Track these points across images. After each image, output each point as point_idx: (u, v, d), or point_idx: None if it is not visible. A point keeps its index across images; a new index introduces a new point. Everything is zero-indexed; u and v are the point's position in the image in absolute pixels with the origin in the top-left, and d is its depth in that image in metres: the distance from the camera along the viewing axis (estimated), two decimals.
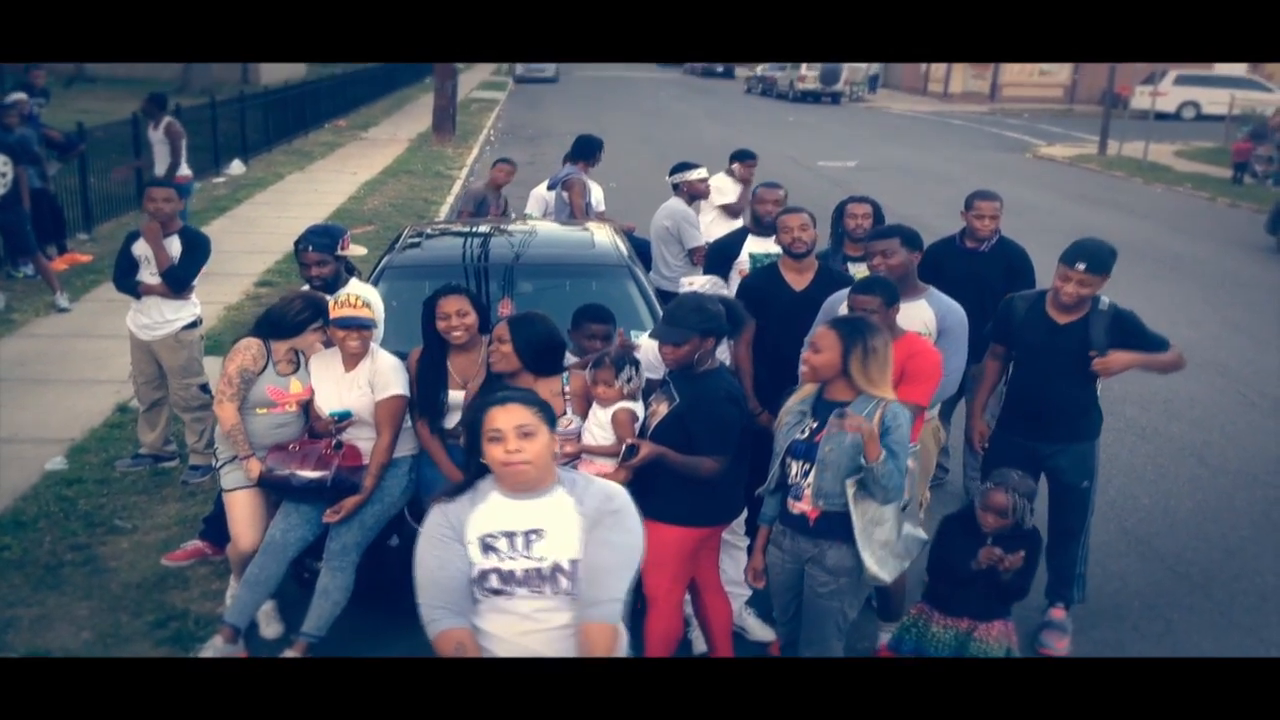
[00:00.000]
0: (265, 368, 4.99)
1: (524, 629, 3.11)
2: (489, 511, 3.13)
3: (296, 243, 5.67)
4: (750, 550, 4.61)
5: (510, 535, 3.09)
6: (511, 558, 3.08)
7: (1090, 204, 19.41)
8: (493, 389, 4.53)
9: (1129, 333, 5.01)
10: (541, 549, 3.08)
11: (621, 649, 3.20)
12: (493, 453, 3.07)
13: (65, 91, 25.94)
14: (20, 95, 12.32)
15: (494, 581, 3.09)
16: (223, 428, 5.00)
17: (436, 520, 3.16)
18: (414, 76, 41.99)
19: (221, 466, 5.10)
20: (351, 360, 4.92)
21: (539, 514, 3.11)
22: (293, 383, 5.01)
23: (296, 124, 24.01)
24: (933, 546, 4.80)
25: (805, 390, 4.28)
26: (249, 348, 5.00)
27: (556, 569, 3.08)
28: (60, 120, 13.90)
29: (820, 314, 5.11)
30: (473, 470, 3.23)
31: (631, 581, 3.11)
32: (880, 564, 4.14)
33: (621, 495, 3.20)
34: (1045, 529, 5.12)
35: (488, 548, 3.09)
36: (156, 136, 12.02)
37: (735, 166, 8.46)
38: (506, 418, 3.06)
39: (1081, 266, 4.90)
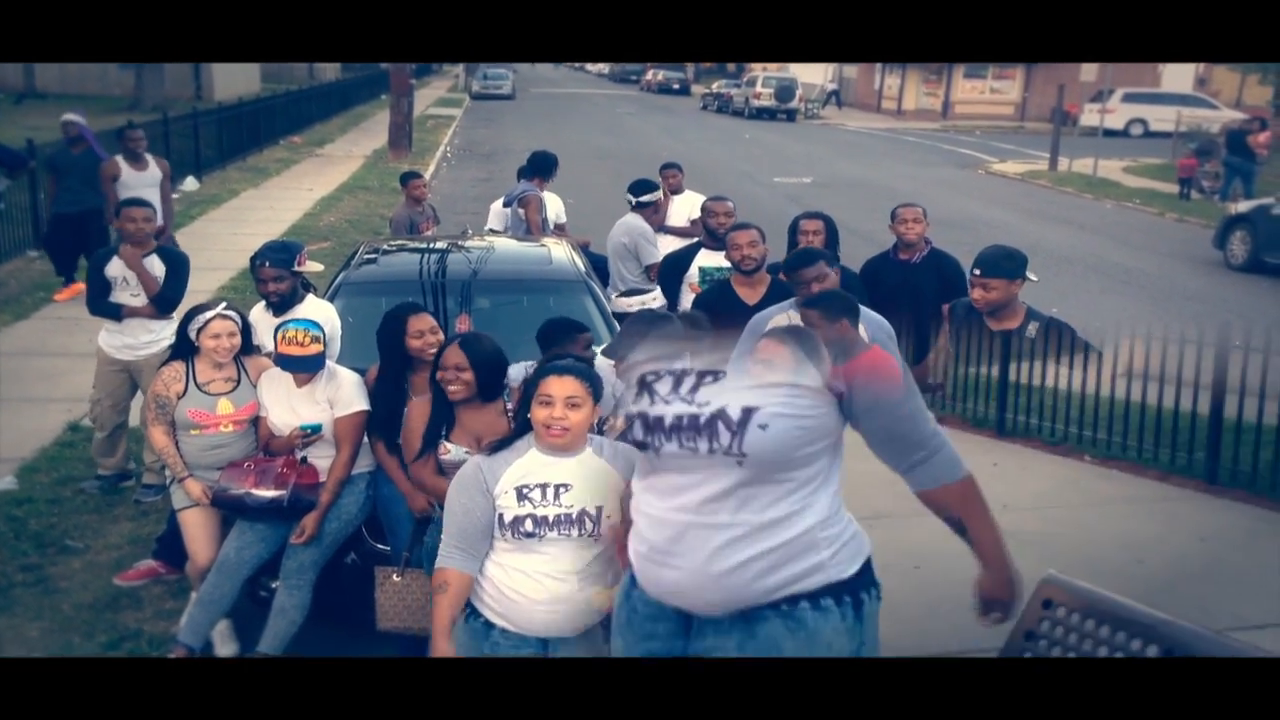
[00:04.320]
0: (186, 390, 4.94)
1: (547, 570, 3.51)
2: (526, 465, 3.54)
3: (253, 258, 5.64)
4: None
5: (544, 487, 3.51)
6: (544, 505, 3.50)
7: (1041, 219, 19.67)
8: (445, 413, 4.46)
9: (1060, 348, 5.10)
10: (569, 498, 3.51)
11: None
12: (539, 414, 3.46)
13: (15, 108, 25.57)
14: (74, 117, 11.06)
15: (528, 525, 3.49)
16: (155, 449, 5.06)
17: (472, 471, 3.58)
18: (370, 93, 41.83)
19: (171, 485, 5.06)
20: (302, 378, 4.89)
21: (569, 470, 3.54)
22: (221, 403, 4.94)
23: (251, 140, 23.83)
24: None
25: None
26: (164, 372, 5.00)
27: (583, 513, 3.51)
28: (10, 137, 13.72)
29: (749, 326, 5.14)
30: (519, 426, 3.62)
31: None
32: None
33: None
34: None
35: (523, 497, 3.50)
36: (143, 179, 10.10)
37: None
38: (560, 387, 3.45)
39: (978, 271, 5.04)
